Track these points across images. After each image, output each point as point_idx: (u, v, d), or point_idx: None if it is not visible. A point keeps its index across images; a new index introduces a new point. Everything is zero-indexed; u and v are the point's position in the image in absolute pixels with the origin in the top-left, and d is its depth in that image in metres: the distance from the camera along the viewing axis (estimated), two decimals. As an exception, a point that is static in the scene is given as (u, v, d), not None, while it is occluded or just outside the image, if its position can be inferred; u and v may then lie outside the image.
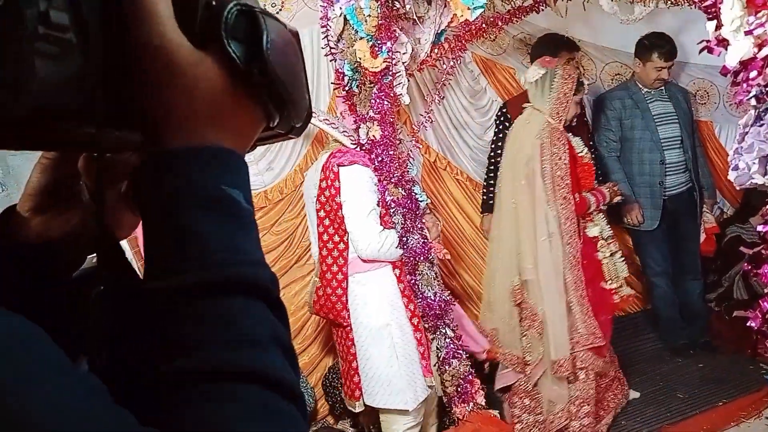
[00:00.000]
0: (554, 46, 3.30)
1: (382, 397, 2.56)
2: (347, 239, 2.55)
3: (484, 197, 3.54)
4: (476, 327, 2.99)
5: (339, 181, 2.53)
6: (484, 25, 2.99)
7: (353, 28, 2.66)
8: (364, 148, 2.83)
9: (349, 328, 2.59)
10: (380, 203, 2.57)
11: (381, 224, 2.54)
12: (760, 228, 1.09)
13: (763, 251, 1.07)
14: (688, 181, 3.53)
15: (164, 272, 0.42)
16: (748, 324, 1.06)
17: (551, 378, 2.86)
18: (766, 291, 1.05)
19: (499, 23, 3.03)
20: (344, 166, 2.55)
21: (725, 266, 3.42)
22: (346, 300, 2.58)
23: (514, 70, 3.80)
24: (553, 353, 2.80)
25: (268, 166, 3.39)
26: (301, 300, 3.41)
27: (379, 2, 2.47)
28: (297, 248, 3.42)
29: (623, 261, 3.06)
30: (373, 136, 2.74)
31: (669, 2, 2.98)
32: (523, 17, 3.05)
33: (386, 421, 2.67)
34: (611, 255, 3.01)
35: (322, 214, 2.58)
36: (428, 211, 2.80)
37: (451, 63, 3.07)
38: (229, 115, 0.46)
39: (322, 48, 2.88)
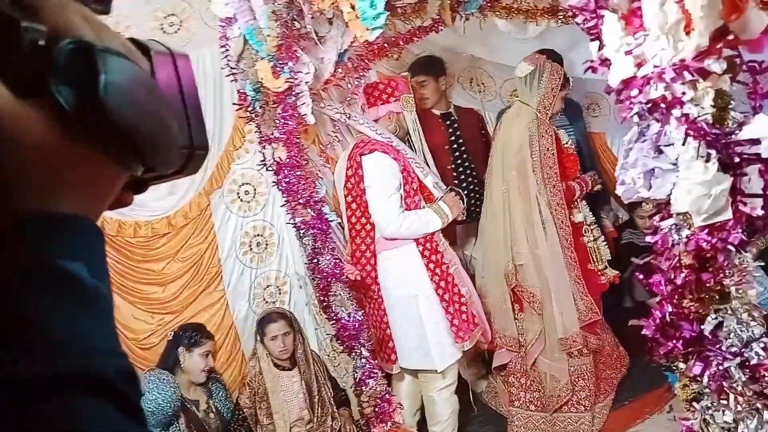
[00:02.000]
0: (419, 68, 3.49)
1: (413, 360, 2.84)
2: (372, 221, 2.81)
3: None
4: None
5: (362, 169, 2.77)
6: (385, 45, 3.01)
7: (253, 48, 2.61)
8: (269, 169, 2.79)
9: (380, 300, 2.86)
10: (401, 187, 2.79)
11: (402, 206, 2.76)
12: (649, 239, 1.14)
13: (652, 260, 1.13)
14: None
15: None
16: (642, 332, 1.12)
17: (552, 355, 3.00)
18: (657, 300, 1.11)
19: (401, 43, 3.06)
20: (365, 154, 2.78)
21: (621, 271, 3.59)
22: (376, 275, 2.85)
23: (418, 87, 3.86)
24: (560, 331, 2.94)
25: (170, 191, 3.26)
26: (212, 327, 3.29)
27: (278, 22, 2.44)
28: (205, 275, 3.30)
29: (606, 245, 3.24)
30: (279, 157, 2.70)
31: (559, 21, 3.13)
32: (423, 37, 3.10)
33: (425, 382, 2.91)
34: (595, 240, 3.19)
35: (349, 199, 2.86)
36: (450, 191, 2.95)
37: (356, 82, 3.08)
38: (67, 171, 0.39)
39: (222, 68, 2.80)
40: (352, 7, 2.11)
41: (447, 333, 2.78)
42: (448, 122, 3.56)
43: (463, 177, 3.51)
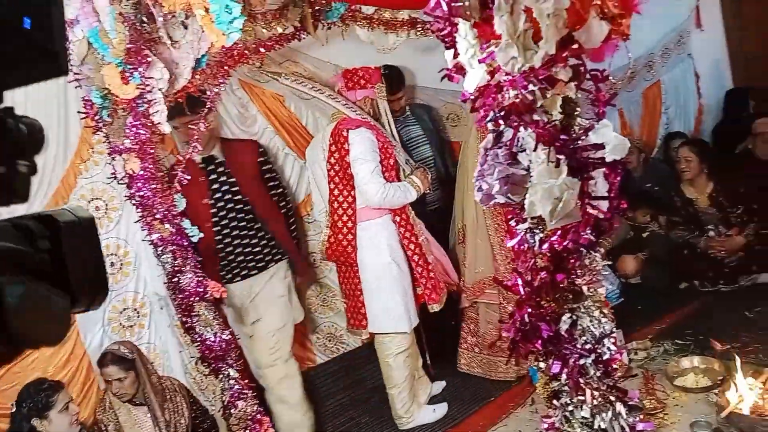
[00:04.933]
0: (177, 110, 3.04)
1: (383, 323, 3.06)
2: (354, 193, 3.00)
3: None
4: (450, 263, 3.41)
5: (348, 143, 2.95)
6: (246, 52, 2.92)
7: (98, 52, 2.41)
8: (120, 182, 2.59)
9: (356, 267, 3.04)
10: (381, 162, 3.00)
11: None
12: (509, 243, 1.17)
13: (512, 263, 1.16)
14: (441, 197, 3.81)
15: None
16: (504, 335, 1.14)
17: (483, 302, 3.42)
18: (516, 303, 1.14)
19: (262, 50, 2.98)
20: (352, 129, 2.96)
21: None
22: (356, 244, 3.02)
23: (283, 97, 3.77)
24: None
25: (8, 211, 2.91)
26: (61, 359, 2.98)
27: (125, 24, 2.27)
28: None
29: None
30: (131, 169, 2.51)
31: (419, 33, 3.21)
32: (285, 44, 3.04)
33: (382, 344, 3.13)
34: None
35: (332, 173, 3.03)
36: (418, 167, 3.23)
37: (215, 90, 2.94)
38: None
39: (65, 74, 2.56)
40: (206, 11, 2.01)
41: (413, 298, 3.10)
42: (210, 168, 3.03)
43: (230, 240, 3.02)
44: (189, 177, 2.74)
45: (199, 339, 2.59)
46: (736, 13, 6.11)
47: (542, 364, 1.13)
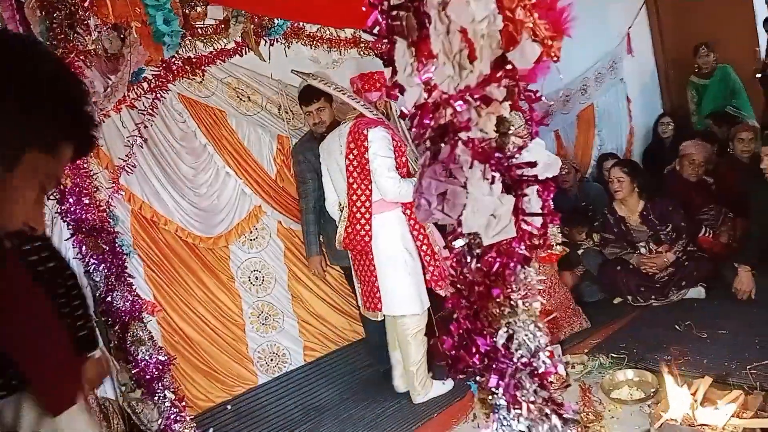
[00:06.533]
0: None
1: (396, 307, 3.32)
2: (371, 187, 3.22)
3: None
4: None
5: (368, 141, 3.15)
6: (185, 66, 2.88)
7: (29, 62, 2.32)
8: (51, 198, 2.49)
9: (371, 255, 3.29)
10: (395, 159, 3.19)
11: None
12: (446, 260, 1.19)
13: (451, 277, 1.18)
14: None
15: None
16: (442, 349, 1.15)
17: None
18: (454, 316, 1.15)
19: (202, 65, 2.95)
20: (371, 128, 3.16)
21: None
22: (371, 234, 3.27)
23: (225, 112, 3.73)
24: None
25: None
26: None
27: (58, 35, 2.19)
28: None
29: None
30: (62, 184, 2.42)
31: (361, 51, 3.24)
32: (226, 59, 3.02)
33: (402, 324, 3.36)
34: None
35: (350, 168, 3.24)
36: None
37: (152, 103, 2.88)
38: None
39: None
40: (143, 23, 1.97)
41: (424, 283, 3.31)
42: None
43: None
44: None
45: (133, 360, 2.51)
46: (662, 41, 6.46)
47: (480, 379, 1.15)
